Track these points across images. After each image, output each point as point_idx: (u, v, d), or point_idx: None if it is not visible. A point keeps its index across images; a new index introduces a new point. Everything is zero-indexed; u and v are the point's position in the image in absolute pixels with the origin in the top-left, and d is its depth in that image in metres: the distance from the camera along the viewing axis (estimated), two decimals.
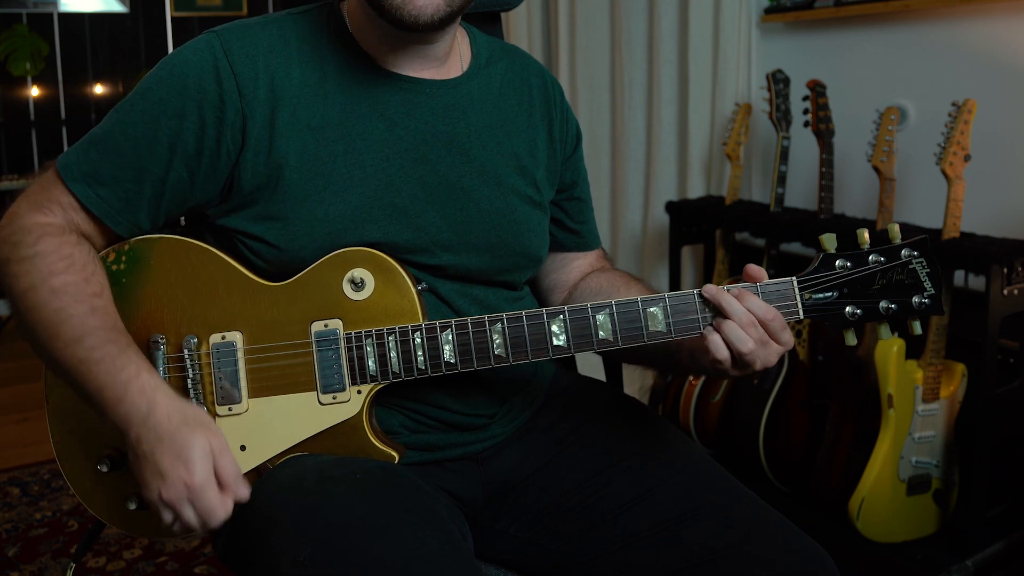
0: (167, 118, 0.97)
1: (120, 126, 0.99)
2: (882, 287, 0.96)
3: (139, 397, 0.91)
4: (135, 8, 4.44)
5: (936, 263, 0.96)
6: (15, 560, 2.10)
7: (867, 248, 0.97)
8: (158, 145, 0.98)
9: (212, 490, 0.90)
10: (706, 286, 0.96)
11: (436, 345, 0.97)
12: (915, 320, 0.97)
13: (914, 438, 1.88)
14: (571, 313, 0.97)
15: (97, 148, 1.00)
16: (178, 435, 0.90)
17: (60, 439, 1.03)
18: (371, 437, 1.00)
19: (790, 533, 1.03)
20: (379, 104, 1.03)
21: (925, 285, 0.96)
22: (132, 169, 0.99)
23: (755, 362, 0.94)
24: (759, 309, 0.94)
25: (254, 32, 1.02)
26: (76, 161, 1.00)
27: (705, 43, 2.62)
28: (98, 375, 0.92)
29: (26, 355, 3.88)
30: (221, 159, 0.99)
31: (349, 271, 0.99)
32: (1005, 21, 2.01)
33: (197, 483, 0.89)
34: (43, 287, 0.95)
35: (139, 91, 1.00)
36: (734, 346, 0.93)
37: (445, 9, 0.95)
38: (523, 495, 1.11)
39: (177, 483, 0.89)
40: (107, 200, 0.99)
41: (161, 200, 1.01)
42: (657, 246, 2.81)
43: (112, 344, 0.94)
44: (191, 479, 0.88)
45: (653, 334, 0.96)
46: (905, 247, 0.96)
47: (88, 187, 0.99)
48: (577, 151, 1.23)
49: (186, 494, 0.89)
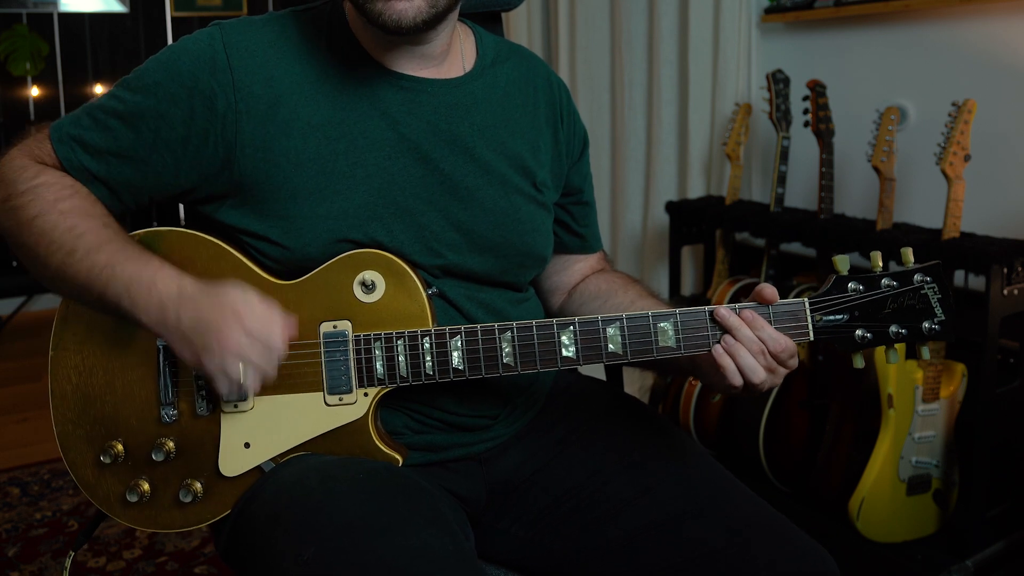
0: (157, 101, 0.99)
1: (113, 101, 1.01)
2: (893, 311, 0.95)
3: (168, 280, 0.93)
4: (135, 8, 4.44)
5: (948, 290, 0.96)
6: (15, 560, 2.10)
7: (879, 272, 0.96)
8: (144, 126, 0.99)
9: (256, 307, 0.91)
10: (717, 309, 0.95)
11: (445, 351, 0.97)
12: (923, 346, 0.97)
13: (914, 438, 1.88)
14: (581, 325, 0.97)
15: (89, 117, 1.02)
16: (216, 293, 0.91)
17: (63, 429, 1.03)
18: (376, 440, 1.00)
19: (790, 532, 1.03)
20: (380, 103, 1.03)
21: (936, 311, 0.95)
22: (115, 145, 1.00)
23: (763, 386, 0.95)
24: (771, 341, 0.94)
25: (256, 28, 1.02)
26: (67, 124, 1.02)
27: (705, 43, 2.63)
28: (123, 273, 0.93)
29: (26, 355, 3.86)
30: (207, 151, 0.99)
31: (360, 273, 1.00)
32: (1005, 21, 2.01)
33: (242, 308, 0.90)
34: (51, 211, 0.96)
35: (138, 72, 1.02)
36: (745, 376, 0.94)
37: (428, 12, 0.95)
38: (525, 495, 1.11)
39: (233, 330, 0.89)
40: (88, 167, 1.01)
41: (144, 181, 1.02)
42: (657, 246, 2.81)
43: (131, 247, 0.96)
44: (244, 321, 0.89)
45: (662, 349, 0.96)
46: (918, 272, 0.95)
47: (71, 151, 1.01)
48: (584, 155, 1.23)
49: (245, 337, 0.89)
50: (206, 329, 0.89)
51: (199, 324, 0.90)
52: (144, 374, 1.01)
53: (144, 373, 1.01)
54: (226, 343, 0.89)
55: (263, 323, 0.90)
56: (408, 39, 1.01)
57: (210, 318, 0.90)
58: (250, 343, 0.89)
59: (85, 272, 0.94)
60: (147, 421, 1.01)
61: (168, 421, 1.01)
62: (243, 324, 0.89)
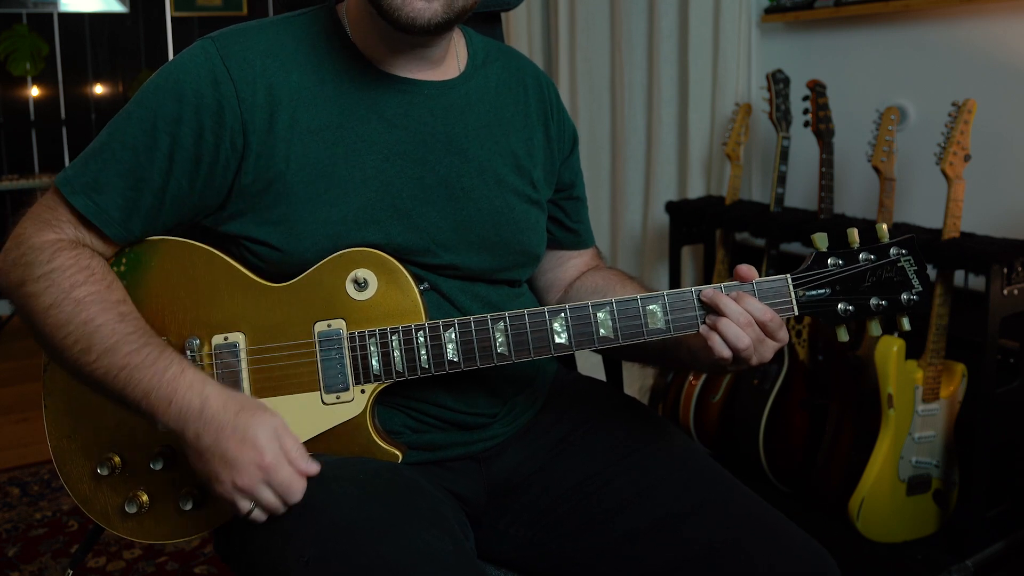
0: (165, 124, 0.97)
1: (117, 135, 0.99)
2: (872, 284, 0.99)
3: (190, 393, 0.90)
4: (135, 8, 4.44)
5: (923, 261, 0.99)
6: (15, 560, 2.10)
7: (857, 247, 0.99)
8: (156, 152, 0.97)
9: (285, 466, 0.89)
10: (704, 289, 0.97)
11: (439, 344, 0.98)
12: (903, 316, 1.00)
13: (914, 438, 1.88)
14: (572, 311, 0.98)
15: (95, 159, 0.99)
16: (239, 421, 0.89)
17: (58, 443, 1.02)
18: (375, 436, 1.00)
19: (790, 531, 1.03)
20: (377, 106, 1.03)
21: (913, 283, 0.99)
22: (131, 177, 0.98)
23: (751, 358, 0.97)
24: (756, 311, 0.96)
25: (251, 36, 1.01)
26: (74, 175, 0.99)
27: (705, 43, 2.63)
28: (141, 380, 0.91)
29: (26, 355, 3.85)
30: (219, 165, 0.98)
31: (352, 271, 1.00)
32: (1005, 21, 2.01)
33: (270, 462, 0.88)
34: (66, 301, 0.93)
35: (136, 100, 1.00)
36: (731, 343, 0.95)
37: (443, 16, 0.96)
38: (524, 495, 1.11)
39: (249, 467, 0.87)
40: (105, 208, 0.98)
41: (161, 209, 1.00)
42: (657, 246, 2.81)
43: (148, 347, 0.93)
44: (263, 459, 0.88)
45: (653, 331, 0.98)
46: (893, 246, 0.99)
47: (87, 197, 0.98)
48: (574, 151, 1.23)
49: (261, 476, 0.88)
50: (222, 462, 0.88)
51: (216, 454, 0.88)
52: None
53: None
54: (241, 483, 0.88)
55: (288, 481, 0.89)
56: (416, 40, 1.01)
57: (230, 455, 0.88)
58: (268, 492, 0.89)
59: (101, 374, 0.92)
60: (144, 431, 1.00)
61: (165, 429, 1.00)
62: (262, 460, 0.88)
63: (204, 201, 1.01)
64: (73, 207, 0.98)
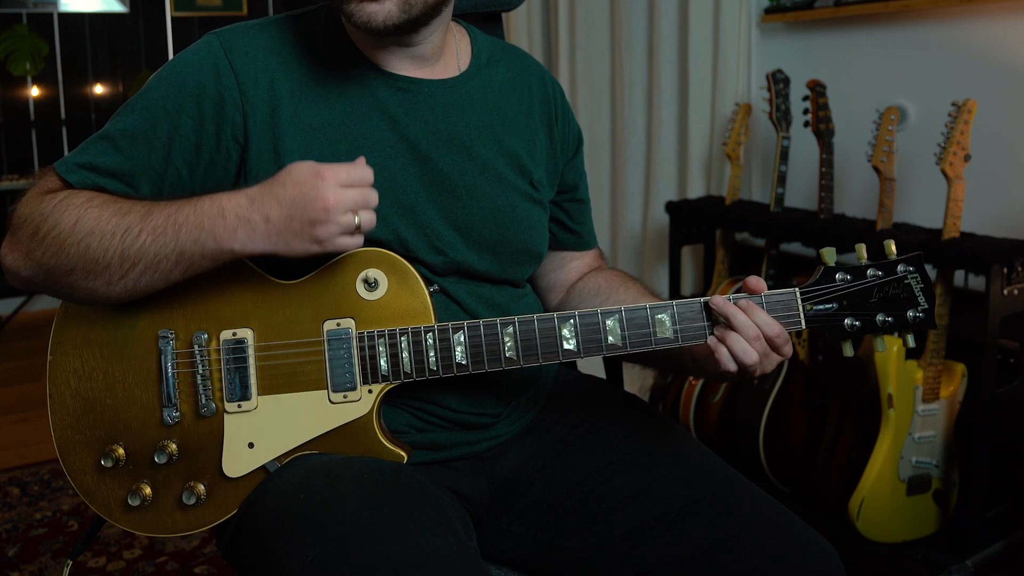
0: (165, 114, 0.98)
1: (119, 124, 1.00)
2: (879, 300, 0.99)
3: (232, 199, 0.91)
4: (135, 8, 4.44)
5: (929, 279, 1.00)
6: (15, 560, 2.10)
7: (865, 263, 1.00)
8: (156, 140, 0.99)
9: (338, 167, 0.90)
10: (713, 298, 0.97)
11: (448, 346, 0.98)
12: (908, 334, 1.00)
13: (914, 438, 1.88)
14: (581, 318, 0.98)
15: (94, 145, 1.00)
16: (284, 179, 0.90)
17: (62, 435, 1.02)
18: (380, 437, 1.00)
19: (795, 525, 1.04)
20: (379, 104, 1.04)
21: (919, 300, 0.99)
22: (129, 164, 0.99)
23: (755, 371, 0.97)
24: (766, 326, 0.96)
25: (253, 33, 1.03)
26: (72, 158, 1.00)
27: (705, 43, 2.63)
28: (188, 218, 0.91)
29: (26, 355, 3.86)
30: (220, 156, 1.00)
31: (363, 271, 1.00)
32: (1005, 21, 2.01)
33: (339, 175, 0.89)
34: (88, 211, 0.94)
35: (140, 93, 1.01)
36: (738, 358, 0.95)
37: (399, 16, 0.96)
38: (527, 493, 1.12)
39: (329, 189, 0.88)
40: (103, 188, 0.99)
41: (159, 196, 1.00)
42: (657, 246, 2.82)
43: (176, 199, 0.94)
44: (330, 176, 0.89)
45: (661, 340, 0.98)
46: (901, 262, 0.99)
47: (83, 177, 0.99)
48: (578, 153, 1.23)
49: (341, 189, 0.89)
50: (303, 206, 0.89)
51: (292, 208, 0.89)
52: (145, 376, 1.01)
53: (145, 375, 1.01)
54: (330, 204, 0.88)
55: (345, 169, 0.90)
56: (394, 40, 1.02)
57: (298, 196, 0.89)
58: (348, 191, 0.90)
59: (151, 239, 0.92)
60: (149, 424, 1.01)
61: (170, 423, 1.00)
62: (334, 178, 0.89)
63: (205, 192, 1.01)
64: (70, 184, 0.99)
